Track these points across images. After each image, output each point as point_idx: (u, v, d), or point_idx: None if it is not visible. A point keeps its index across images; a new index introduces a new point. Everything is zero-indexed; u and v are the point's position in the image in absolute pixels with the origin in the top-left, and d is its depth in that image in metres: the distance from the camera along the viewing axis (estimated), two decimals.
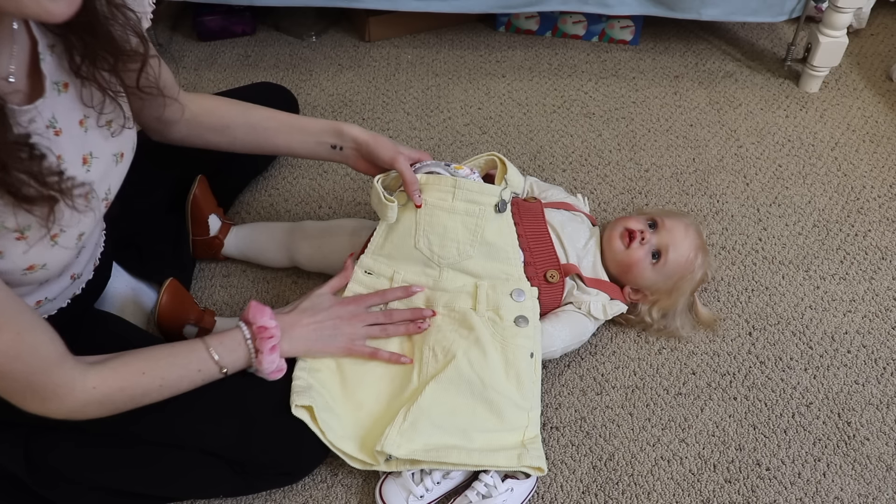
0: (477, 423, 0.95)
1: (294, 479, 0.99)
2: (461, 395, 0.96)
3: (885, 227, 1.37)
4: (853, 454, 1.04)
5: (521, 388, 0.98)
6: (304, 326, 0.94)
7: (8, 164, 0.63)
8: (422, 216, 1.02)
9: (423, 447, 0.91)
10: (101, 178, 0.81)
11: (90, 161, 0.78)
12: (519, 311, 1.02)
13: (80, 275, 0.90)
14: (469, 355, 0.97)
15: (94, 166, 0.78)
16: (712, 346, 1.17)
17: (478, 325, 1.00)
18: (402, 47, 1.78)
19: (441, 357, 0.98)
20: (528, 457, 0.94)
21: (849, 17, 1.52)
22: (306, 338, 0.94)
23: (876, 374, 1.14)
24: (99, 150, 0.79)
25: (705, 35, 1.83)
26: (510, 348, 0.99)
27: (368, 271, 1.05)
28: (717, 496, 1.00)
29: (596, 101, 1.63)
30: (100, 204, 0.81)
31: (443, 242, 1.03)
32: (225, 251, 1.24)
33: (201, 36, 1.77)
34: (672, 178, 1.46)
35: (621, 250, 1.14)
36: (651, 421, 1.07)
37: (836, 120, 1.60)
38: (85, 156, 0.77)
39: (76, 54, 0.73)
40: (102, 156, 0.80)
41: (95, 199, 0.79)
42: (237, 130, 1.05)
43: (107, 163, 0.81)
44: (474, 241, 1.03)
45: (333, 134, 1.05)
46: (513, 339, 1.00)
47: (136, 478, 0.92)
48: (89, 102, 0.77)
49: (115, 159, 0.83)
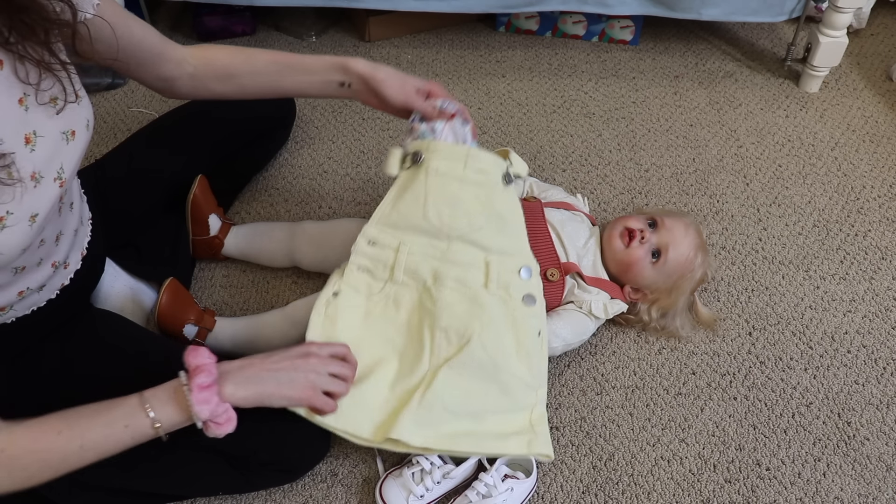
0: (489, 405, 0.94)
1: (294, 477, 0.99)
2: (475, 378, 0.94)
3: (885, 227, 1.37)
4: (853, 454, 1.04)
5: (531, 368, 0.97)
6: (254, 367, 0.84)
7: None
8: (432, 184, 0.98)
9: (435, 434, 0.90)
10: (49, 157, 0.77)
11: (34, 140, 0.74)
12: (527, 289, 0.99)
13: (65, 263, 0.89)
14: (483, 339, 0.95)
15: (38, 145, 0.75)
16: (712, 346, 1.17)
17: (490, 305, 0.96)
18: (402, 47, 1.78)
19: (455, 340, 0.95)
20: (537, 442, 0.93)
21: (849, 17, 1.52)
22: (257, 379, 0.83)
23: (876, 374, 1.14)
24: (43, 128, 0.76)
25: (705, 35, 1.83)
26: (521, 328, 0.97)
27: (373, 242, 0.99)
28: (717, 496, 1.00)
29: (596, 101, 1.63)
30: (52, 184, 0.77)
31: (454, 213, 0.98)
32: (225, 251, 1.24)
33: (201, 36, 1.77)
34: (672, 178, 1.46)
35: (621, 249, 1.14)
36: (651, 421, 1.07)
37: (836, 120, 1.60)
38: (27, 135, 0.74)
39: (2, 28, 0.70)
40: (48, 134, 0.76)
41: (45, 179, 0.76)
42: (243, 78, 1.03)
43: (54, 141, 0.78)
44: (485, 212, 0.99)
45: (339, 70, 1.03)
46: (523, 319, 0.97)
47: (136, 476, 0.92)
48: (26, 79, 0.74)
49: (64, 137, 0.79)
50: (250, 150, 1.35)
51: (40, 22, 0.71)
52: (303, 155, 1.49)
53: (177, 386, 0.78)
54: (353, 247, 0.99)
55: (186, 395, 0.77)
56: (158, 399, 0.77)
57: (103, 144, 1.48)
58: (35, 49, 0.72)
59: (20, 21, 0.69)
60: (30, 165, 0.74)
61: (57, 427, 0.72)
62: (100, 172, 1.13)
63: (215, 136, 1.26)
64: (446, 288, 0.96)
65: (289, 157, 1.48)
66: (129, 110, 1.58)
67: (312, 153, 1.49)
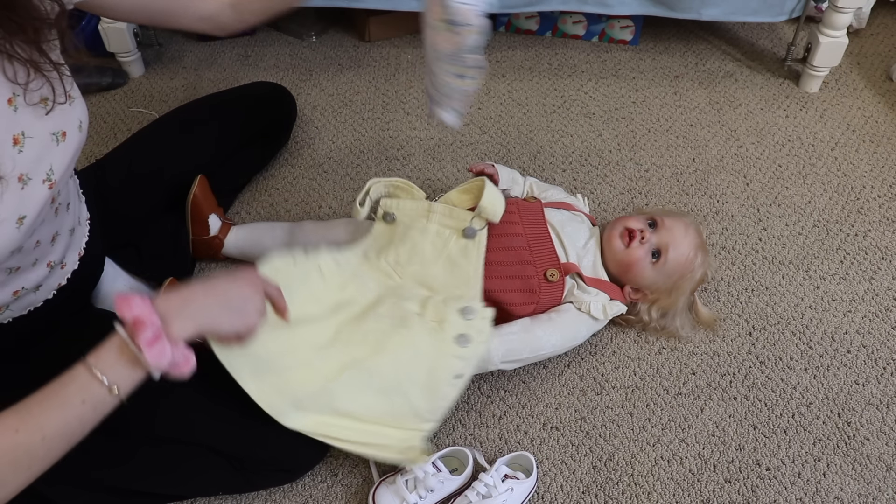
0: (374, 418, 0.95)
1: (293, 477, 0.99)
2: (373, 390, 0.94)
3: (885, 227, 1.36)
4: (853, 454, 1.04)
5: (431, 403, 0.96)
6: (197, 299, 0.76)
7: None
8: (397, 236, 1.08)
9: (311, 421, 0.92)
10: (37, 158, 0.76)
11: (22, 141, 0.73)
12: (465, 328, 0.98)
13: (61, 263, 0.88)
14: (397, 356, 0.96)
15: (27, 146, 0.74)
16: (712, 346, 1.17)
17: (418, 331, 0.98)
18: (402, 47, 1.78)
19: (371, 345, 0.96)
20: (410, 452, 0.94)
21: (849, 17, 1.52)
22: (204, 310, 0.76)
23: (876, 374, 1.14)
24: (32, 129, 0.75)
25: (705, 35, 1.83)
26: (440, 364, 0.97)
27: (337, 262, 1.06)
28: (717, 496, 1.00)
29: (596, 101, 1.63)
30: (41, 186, 0.76)
31: (409, 258, 1.07)
32: (225, 251, 1.24)
33: (201, 36, 1.77)
34: (672, 178, 1.46)
35: (621, 249, 1.14)
36: (651, 421, 1.07)
37: (836, 120, 1.60)
38: (16, 136, 0.73)
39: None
40: (37, 135, 0.76)
41: (33, 180, 0.75)
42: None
43: (43, 142, 0.77)
44: (438, 257, 1.07)
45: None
46: (446, 357, 0.97)
47: (136, 475, 0.92)
48: (14, 79, 0.73)
49: (53, 138, 0.78)
50: (251, 150, 1.36)
51: (29, 20, 0.70)
52: (303, 155, 1.49)
53: (120, 343, 0.70)
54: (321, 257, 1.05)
55: (136, 353, 0.70)
56: (106, 362, 0.70)
57: (103, 144, 1.48)
58: (24, 48, 0.71)
59: (8, 19, 0.68)
60: (17, 167, 0.73)
61: (12, 425, 0.66)
62: (100, 173, 1.13)
63: (215, 136, 1.26)
64: (384, 304, 1.02)
65: (289, 158, 1.48)
66: (129, 110, 1.58)
67: (312, 153, 1.49)
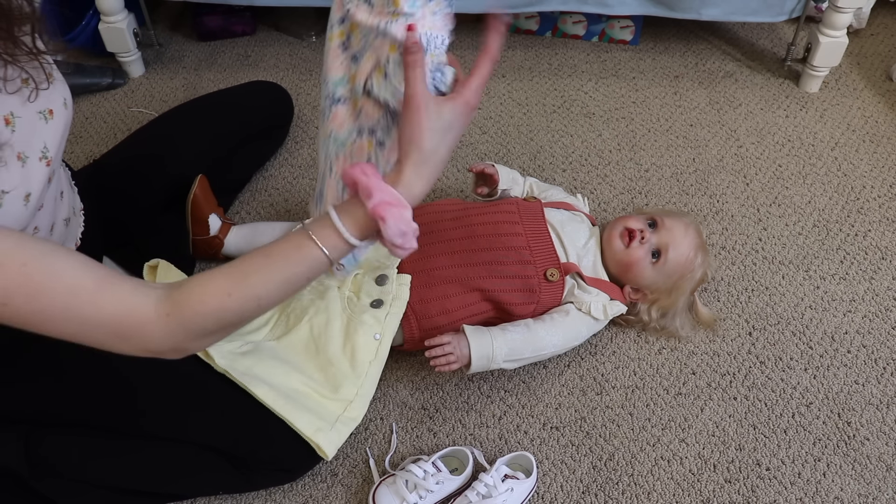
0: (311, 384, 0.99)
1: (293, 477, 0.99)
2: (299, 353, 1.02)
3: (885, 227, 1.36)
4: (853, 454, 1.04)
5: (354, 364, 1.01)
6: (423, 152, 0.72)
7: None
8: None
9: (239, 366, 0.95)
10: (29, 136, 0.78)
11: (12, 121, 0.75)
12: (379, 294, 1.06)
13: None
14: (312, 321, 1.03)
15: (17, 126, 0.76)
16: (712, 346, 1.17)
17: (332, 299, 1.05)
18: None
19: (292, 321, 1.05)
20: (325, 435, 0.94)
21: (849, 17, 1.52)
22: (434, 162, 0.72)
23: (876, 374, 1.14)
24: (19, 110, 0.77)
25: (705, 35, 1.83)
26: (353, 323, 1.03)
27: None
28: (717, 496, 1.00)
29: (596, 101, 1.63)
30: (38, 163, 0.79)
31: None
32: (225, 251, 1.24)
33: (201, 36, 1.77)
34: (672, 178, 1.45)
35: (621, 249, 1.14)
36: (651, 421, 1.07)
37: (836, 120, 1.60)
38: (6, 116, 0.75)
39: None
40: (25, 115, 0.78)
41: (30, 158, 0.77)
42: None
43: (32, 121, 0.79)
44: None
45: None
46: (359, 315, 1.04)
47: (137, 474, 0.92)
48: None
49: (41, 116, 0.80)
50: (249, 149, 1.36)
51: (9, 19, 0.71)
52: (303, 155, 1.48)
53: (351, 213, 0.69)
54: None
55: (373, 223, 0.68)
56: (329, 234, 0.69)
57: (103, 144, 1.48)
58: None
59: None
60: (13, 145, 0.75)
61: (225, 289, 0.67)
62: (99, 172, 1.13)
63: (214, 135, 1.26)
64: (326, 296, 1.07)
65: (289, 157, 1.48)
66: (129, 110, 1.58)
67: (312, 153, 1.49)
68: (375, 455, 1.03)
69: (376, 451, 1.03)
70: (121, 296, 0.66)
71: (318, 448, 0.94)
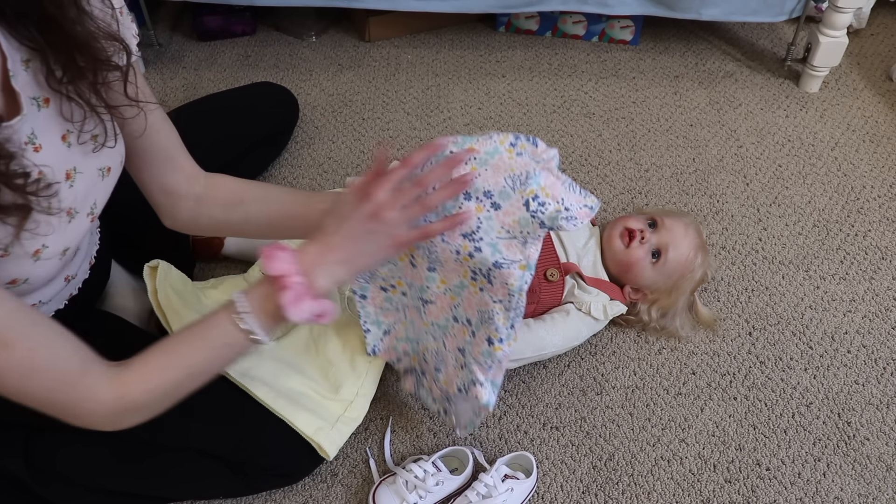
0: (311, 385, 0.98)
1: (293, 480, 0.99)
2: (298, 356, 1.01)
3: (885, 227, 1.36)
4: (853, 454, 1.04)
5: (354, 364, 1.02)
6: (335, 250, 0.76)
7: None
8: None
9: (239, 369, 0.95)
10: (85, 193, 0.78)
11: (73, 176, 0.76)
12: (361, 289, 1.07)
13: (75, 275, 0.90)
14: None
15: (77, 181, 0.76)
16: (712, 346, 1.17)
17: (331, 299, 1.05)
18: (402, 47, 1.78)
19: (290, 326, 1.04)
20: (325, 434, 0.94)
21: (849, 17, 1.52)
22: (344, 260, 0.77)
23: (876, 374, 1.14)
24: (83, 165, 0.77)
25: (705, 35, 1.83)
26: (353, 324, 1.02)
27: None
28: (717, 496, 1.00)
29: (596, 101, 1.63)
30: (85, 219, 0.79)
31: None
32: (225, 251, 1.24)
33: (201, 36, 1.77)
34: (672, 178, 1.46)
35: (621, 249, 1.14)
36: (651, 421, 1.07)
37: (836, 120, 1.60)
38: (68, 171, 0.75)
39: (56, 69, 0.69)
40: (87, 171, 0.78)
41: (79, 214, 0.78)
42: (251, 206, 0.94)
43: (91, 177, 0.79)
44: None
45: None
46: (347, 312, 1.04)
47: (136, 479, 0.92)
48: (70, 118, 0.74)
49: (100, 174, 0.80)
50: (252, 154, 1.36)
51: (93, 63, 0.71)
52: (303, 155, 1.49)
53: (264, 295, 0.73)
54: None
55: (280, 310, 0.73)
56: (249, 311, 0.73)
57: None
58: (83, 91, 0.72)
59: (73, 61, 0.69)
60: (67, 201, 0.75)
61: (162, 364, 0.73)
62: None
63: (216, 140, 1.26)
64: None
65: (289, 157, 1.48)
66: None
67: (312, 153, 1.49)
68: (375, 455, 1.03)
69: (376, 451, 1.03)
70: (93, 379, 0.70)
71: (318, 448, 0.94)
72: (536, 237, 0.78)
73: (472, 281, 0.82)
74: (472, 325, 0.86)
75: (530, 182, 0.76)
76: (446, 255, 0.80)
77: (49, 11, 0.64)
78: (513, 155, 0.78)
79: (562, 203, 0.76)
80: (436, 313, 0.89)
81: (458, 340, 0.89)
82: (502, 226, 0.77)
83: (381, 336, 1.00)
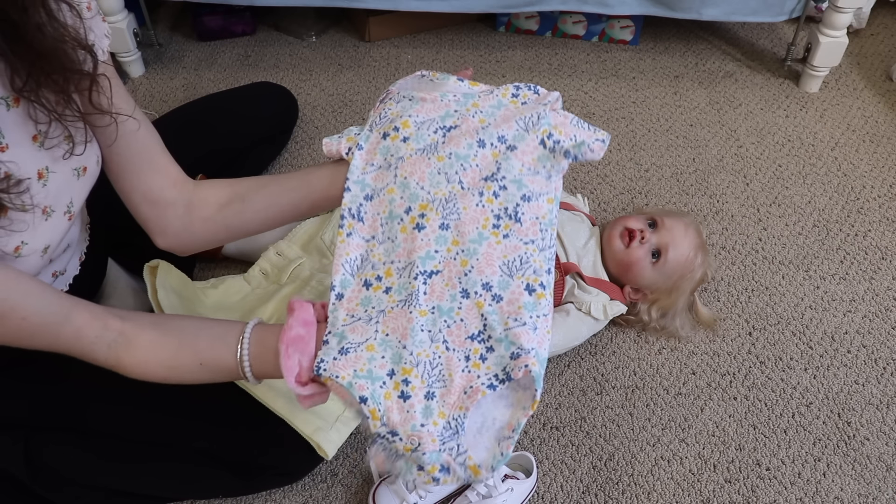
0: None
1: (293, 480, 0.99)
2: None
3: (885, 227, 1.36)
4: (853, 454, 1.04)
5: None
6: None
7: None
8: (334, 216, 1.19)
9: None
10: (58, 192, 0.76)
11: (46, 175, 0.74)
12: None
13: (64, 271, 0.88)
14: None
15: (51, 181, 0.75)
16: (712, 346, 1.17)
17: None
18: (402, 47, 1.78)
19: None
20: (325, 434, 0.93)
21: (849, 17, 1.52)
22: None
23: (876, 374, 1.14)
24: (55, 165, 0.76)
25: (705, 35, 1.83)
26: None
27: (279, 253, 1.17)
28: (717, 496, 1.00)
29: (596, 101, 1.63)
30: (62, 217, 0.78)
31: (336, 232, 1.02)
32: (225, 251, 1.24)
33: (201, 36, 1.77)
34: (672, 178, 1.46)
35: (621, 249, 1.14)
36: (651, 421, 1.07)
37: (836, 120, 1.60)
38: (40, 170, 0.73)
39: (18, 75, 0.67)
40: (60, 170, 0.76)
41: (55, 213, 0.76)
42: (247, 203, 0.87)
43: (66, 177, 0.77)
44: None
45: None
46: None
47: (136, 478, 0.92)
48: (36, 119, 0.72)
49: (75, 173, 0.78)
50: (251, 155, 1.36)
51: (60, 71, 0.69)
52: (303, 155, 1.49)
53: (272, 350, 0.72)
54: (263, 253, 1.16)
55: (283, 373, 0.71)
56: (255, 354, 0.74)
57: None
58: (48, 99, 0.70)
59: (39, 69, 0.67)
60: (41, 199, 0.74)
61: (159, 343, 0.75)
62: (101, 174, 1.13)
63: (216, 140, 1.26)
64: (308, 285, 1.10)
65: (289, 158, 1.48)
66: None
67: (312, 153, 1.49)
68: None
69: None
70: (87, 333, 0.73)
71: (318, 447, 0.94)
72: (559, 170, 0.77)
73: (493, 230, 0.75)
74: (493, 289, 0.73)
75: (542, 122, 0.77)
76: (466, 201, 0.76)
77: (11, 17, 0.61)
78: (517, 104, 0.79)
79: (574, 139, 0.77)
80: (439, 291, 0.74)
81: (468, 326, 0.73)
82: (522, 164, 0.77)
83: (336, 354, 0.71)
